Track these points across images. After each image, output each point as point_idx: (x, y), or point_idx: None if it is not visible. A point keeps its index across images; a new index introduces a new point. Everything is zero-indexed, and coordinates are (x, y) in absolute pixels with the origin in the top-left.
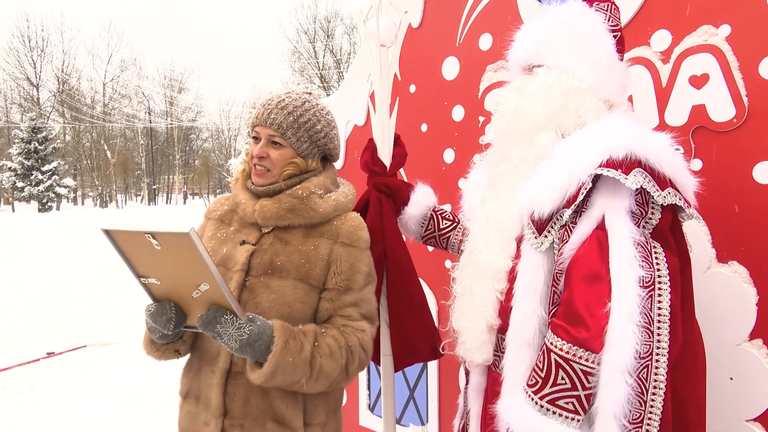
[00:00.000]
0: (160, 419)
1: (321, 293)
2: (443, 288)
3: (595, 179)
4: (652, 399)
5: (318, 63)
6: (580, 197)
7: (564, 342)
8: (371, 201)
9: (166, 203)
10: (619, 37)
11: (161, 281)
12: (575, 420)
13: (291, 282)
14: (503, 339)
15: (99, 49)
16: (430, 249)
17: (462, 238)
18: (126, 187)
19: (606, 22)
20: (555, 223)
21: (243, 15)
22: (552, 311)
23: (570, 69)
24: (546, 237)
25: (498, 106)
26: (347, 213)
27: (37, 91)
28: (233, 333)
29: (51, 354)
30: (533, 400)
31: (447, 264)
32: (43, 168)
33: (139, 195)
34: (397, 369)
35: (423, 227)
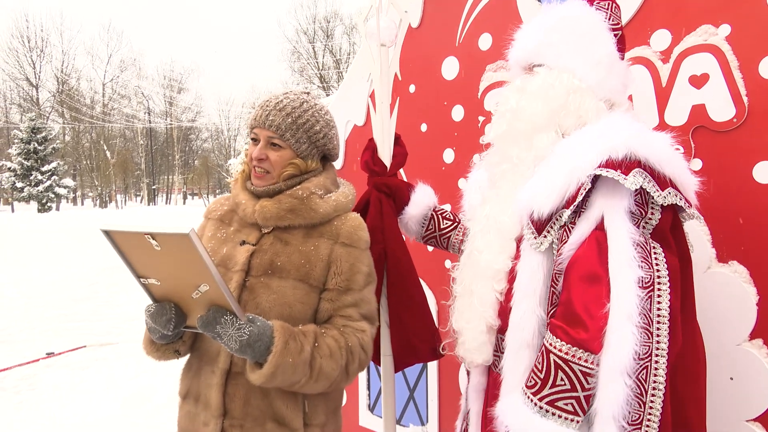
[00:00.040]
0: (159, 419)
1: (321, 293)
2: (443, 288)
3: (595, 179)
4: (651, 400)
5: (317, 63)
6: (579, 198)
7: (563, 343)
8: (371, 201)
9: (165, 203)
10: (620, 36)
11: (161, 282)
12: (574, 421)
13: (291, 282)
14: (503, 339)
15: (98, 50)
16: (429, 249)
17: (463, 238)
18: (125, 188)
19: (607, 21)
20: (554, 224)
21: (242, 15)
22: (551, 312)
23: (570, 68)
24: (545, 237)
25: (498, 105)
26: (347, 213)
27: (37, 92)
28: (233, 333)
29: (50, 354)
30: (532, 401)
31: (447, 264)
32: (43, 168)
33: (139, 195)
34: (398, 369)
35: (423, 227)
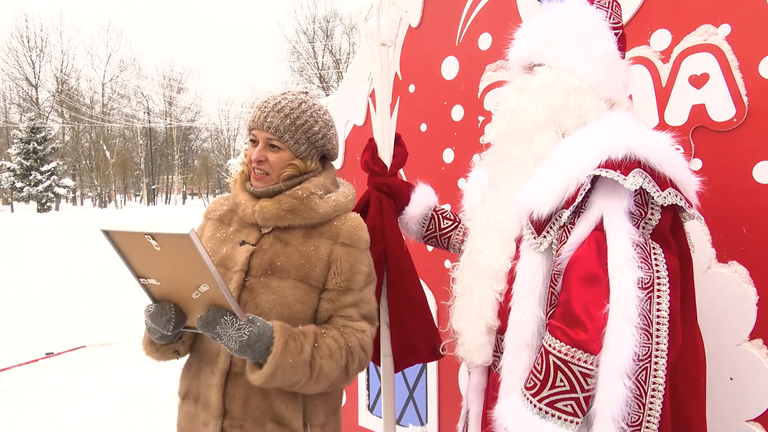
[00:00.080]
0: (159, 419)
1: (321, 294)
2: (443, 288)
3: (594, 180)
4: (651, 401)
5: (317, 63)
6: (578, 198)
7: (562, 344)
8: (372, 201)
9: (165, 203)
10: (621, 35)
11: (161, 282)
12: (574, 422)
13: (291, 282)
14: (503, 340)
15: (98, 49)
16: (429, 249)
17: (463, 238)
18: (125, 187)
19: (607, 19)
20: (554, 224)
21: (242, 15)
22: (550, 312)
23: (571, 68)
24: (545, 238)
25: (498, 105)
26: (347, 213)
27: (36, 92)
28: (233, 334)
29: (50, 354)
30: (531, 402)
31: (447, 264)
32: (42, 168)
33: (138, 195)
34: (398, 370)
35: (424, 227)
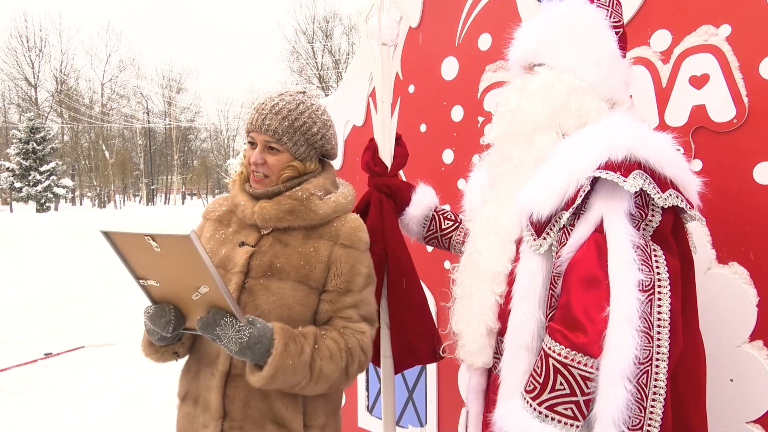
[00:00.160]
0: (158, 420)
1: (321, 295)
2: (443, 289)
3: (594, 181)
4: (651, 405)
5: (316, 63)
6: (578, 200)
7: (562, 347)
8: (372, 202)
9: (164, 204)
10: (622, 34)
11: (160, 283)
12: (574, 426)
13: (290, 284)
14: (503, 342)
15: (97, 49)
16: (429, 250)
17: (464, 238)
18: (124, 188)
19: (608, 18)
20: (554, 226)
21: (242, 15)
22: (550, 314)
23: (571, 67)
24: (545, 239)
25: (498, 106)
26: (347, 214)
27: (35, 92)
28: (233, 336)
29: (49, 355)
30: (531, 406)
31: (446, 265)
32: (41, 168)
33: (138, 195)
34: (398, 371)
35: (425, 228)
